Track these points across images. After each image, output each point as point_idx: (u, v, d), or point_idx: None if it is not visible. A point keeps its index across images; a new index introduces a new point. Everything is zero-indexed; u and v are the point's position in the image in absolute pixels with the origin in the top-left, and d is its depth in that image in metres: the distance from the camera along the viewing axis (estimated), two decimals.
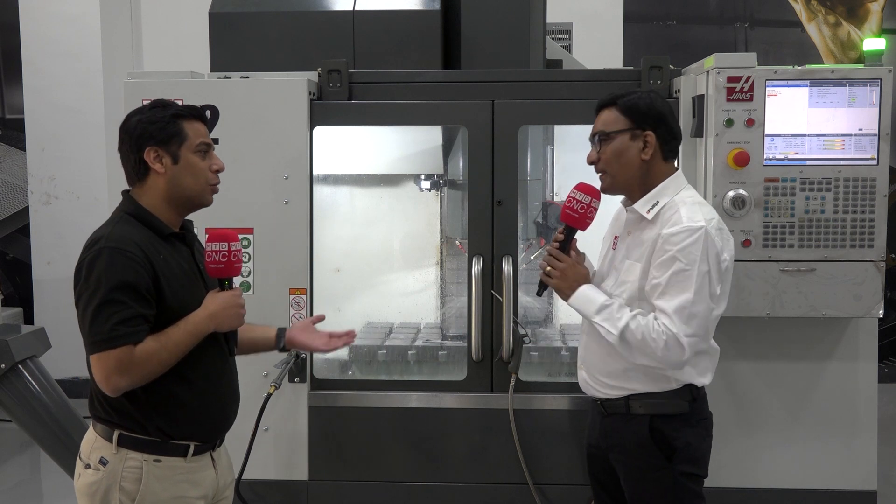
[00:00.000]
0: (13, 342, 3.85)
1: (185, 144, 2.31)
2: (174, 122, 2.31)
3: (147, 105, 2.37)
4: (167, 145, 2.30)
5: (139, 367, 2.18)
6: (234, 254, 2.32)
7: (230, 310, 2.32)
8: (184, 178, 2.32)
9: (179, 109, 2.35)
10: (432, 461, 3.34)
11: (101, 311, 2.16)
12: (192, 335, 2.26)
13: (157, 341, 2.21)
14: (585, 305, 2.59)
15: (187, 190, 2.34)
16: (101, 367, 2.18)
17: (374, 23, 3.55)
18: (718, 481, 2.75)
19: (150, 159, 2.30)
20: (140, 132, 2.30)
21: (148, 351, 2.19)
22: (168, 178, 2.31)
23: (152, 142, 2.29)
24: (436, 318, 4.05)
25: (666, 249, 2.48)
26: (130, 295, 2.17)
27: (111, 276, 2.16)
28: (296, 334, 2.69)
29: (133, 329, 2.17)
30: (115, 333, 2.15)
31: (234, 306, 2.33)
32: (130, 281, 2.17)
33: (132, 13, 6.89)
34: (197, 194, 2.36)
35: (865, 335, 3.20)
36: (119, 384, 2.19)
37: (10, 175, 6.95)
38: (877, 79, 2.99)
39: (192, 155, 2.33)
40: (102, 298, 2.16)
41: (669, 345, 2.44)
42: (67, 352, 4.73)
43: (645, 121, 2.57)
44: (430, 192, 3.92)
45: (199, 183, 2.35)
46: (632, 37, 6.84)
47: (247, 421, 2.96)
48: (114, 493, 2.26)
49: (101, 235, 2.24)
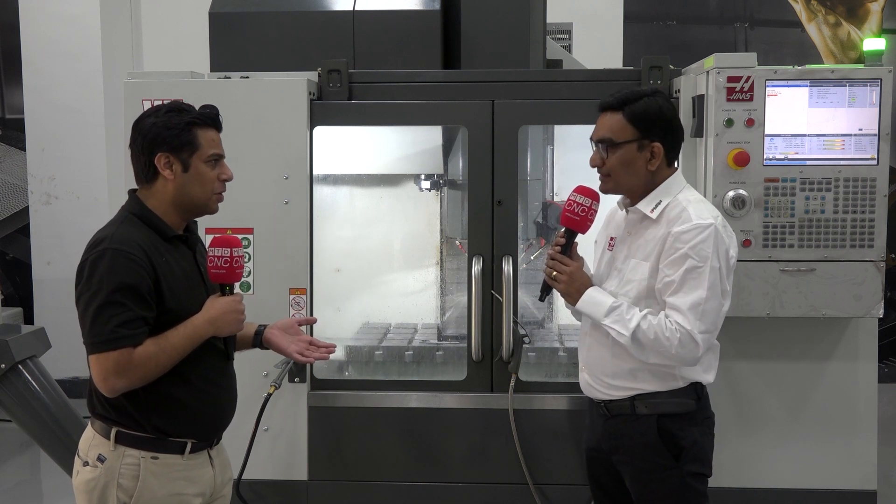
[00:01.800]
0: (13, 342, 3.85)
1: (198, 154, 2.31)
2: (189, 130, 2.30)
3: (164, 107, 2.35)
4: (179, 152, 2.29)
5: (137, 369, 2.19)
6: (235, 260, 2.33)
7: (230, 315, 2.33)
8: (192, 187, 2.32)
9: (195, 116, 2.33)
10: (432, 461, 3.34)
11: (102, 313, 2.16)
12: (192, 339, 2.27)
13: (156, 345, 2.21)
14: (594, 309, 2.59)
15: (194, 198, 2.34)
16: (99, 367, 2.18)
17: (374, 23, 3.55)
18: (718, 481, 2.75)
19: (160, 164, 2.30)
20: (154, 136, 2.29)
21: (147, 354, 2.19)
22: (176, 185, 2.32)
23: (165, 147, 2.29)
24: (436, 318, 4.05)
25: (677, 247, 2.48)
26: (131, 297, 2.18)
27: (113, 277, 2.17)
28: (274, 334, 2.62)
29: (133, 332, 2.18)
30: (115, 335, 2.16)
31: (234, 311, 2.34)
32: (132, 283, 2.18)
33: (132, 13, 6.88)
34: (203, 203, 2.37)
35: (865, 335, 3.20)
36: (116, 385, 2.20)
37: (10, 175, 6.95)
38: (877, 79, 2.99)
39: (203, 165, 2.32)
40: (104, 300, 2.16)
41: (684, 342, 2.45)
42: (67, 352, 4.73)
43: (653, 132, 2.55)
44: (430, 192, 3.91)
45: (206, 192, 2.35)
46: (632, 37, 6.83)
47: (247, 421, 2.97)
48: (111, 490, 2.27)
49: (105, 236, 2.24)
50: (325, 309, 3.58)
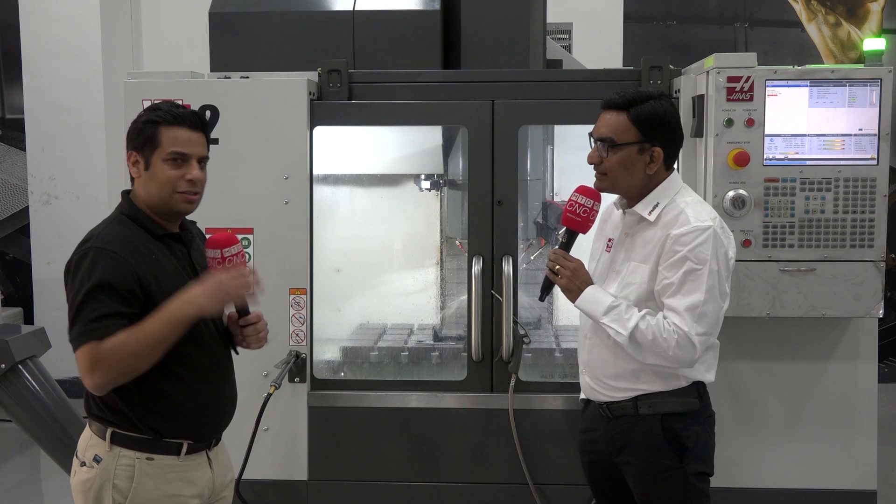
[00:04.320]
0: (13, 342, 3.85)
1: (157, 152, 2.29)
2: (151, 128, 2.29)
3: (153, 105, 2.37)
4: (142, 150, 2.30)
5: (109, 360, 2.14)
6: (228, 259, 2.29)
7: (210, 289, 2.24)
8: (151, 186, 2.31)
9: (162, 115, 2.30)
10: (432, 461, 3.34)
11: (81, 310, 2.17)
12: (168, 322, 2.18)
13: (128, 332, 2.16)
14: (593, 307, 2.58)
15: (154, 197, 2.32)
16: (79, 364, 2.18)
17: (374, 23, 3.55)
18: (718, 481, 2.75)
19: (129, 163, 2.33)
20: (127, 134, 2.34)
21: (115, 343, 2.14)
22: (141, 184, 2.33)
23: (131, 145, 2.32)
24: (436, 318, 4.05)
25: (676, 250, 2.48)
26: (107, 293, 2.17)
27: (92, 275, 2.18)
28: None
29: (101, 324, 2.15)
30: (86, 330, 2.15)
31: (217, 284, 2.25)
32: (109, 280, 2.17)
33: (132, 13, 6.88)
34: (164, 202, 2.32)
35: (865, 335, 3.20)
36: (95, 381, 2.16)
37: (10, 175, 6.95)
38: (877, 79, 2.99)
39: (161, 163, 2.29)
40: (82, 297, 2.17)
41: (681, 343, 2.45)
42: (67, 352, 4.65)
43: (655, 136, 2.54)
44: (430, 192, 3.91)
45: (164, 191, 2.30)
46: (632, 37, 6.83)
47: (247, 421, 2.97)
48: (107, 491, 2.27)
49: (92, 235, 2.27)
50: (325, 309, 3.58)
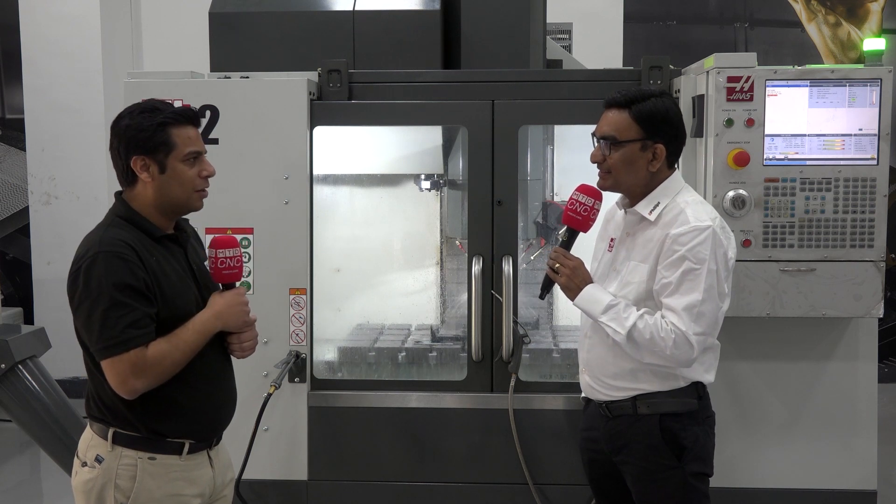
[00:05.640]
0: (13, 342, 3.85)
1: (173, 154, 2.28)
2: (161, 131, 2.26)
3: (138, 107, 2.31)
4: (154, 154, 2.27)
5: (153, 367, 2.19)
6: (237, 259, 2.38)
7: (235, 307, 2.36)
8: (171, 187, 2.30)
9: (168, 116, 2.29)
10: (432, 461, 3.34)
11: (110, 315, 2.15)
12: (201, 334, 2.28)
13: (169, 342, 2.22)
14: (591, 305, 2.58)
15: (174, 198, 2.32)
16: (115, 371, 2.17)
17: (374, 23, 3.55)
18: (718, 481, 2.75)
19: (136, 168, 2.28)
20: (128, 139, 2.27)
21: (161, 352, 2.20)
22: (155, 187, 2.30)
23: (139, 150, 2.26)
24: (436, 318, 4.04)
25: (675, 250, 2.48)
26: (133, 296, 2.17)
27: (111, 279, 2.16)
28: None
29: (143, 331, 2.18)
30: (126, 336, 2.15)
31: (239, 304, 2.37)
32: (130, 282, 2.17)
33: (132, 13, 6.88)
34: (184, 202, 2.34)
35: (865, 335, 3.20)
36: (136, 386, 2.19)
37: (10, 175, 6.95)
38: (877, 79, 2.99)
39: (180, 164, 2.29)
40: (108, 303, 2.15)
41: (678, 343, 2.45)
42: (67, 352, 4.68)
43: (657, 133, 2.55)
44: (430, 192, 3.91)
45: (186, 191, 2.32)
46: (632, 37, 6.83)
47: (247, 421, 2.97)
48: (109, 491, 2.27)
49: (94, 242, 2.23)
50: (325, 309, 3.58)
